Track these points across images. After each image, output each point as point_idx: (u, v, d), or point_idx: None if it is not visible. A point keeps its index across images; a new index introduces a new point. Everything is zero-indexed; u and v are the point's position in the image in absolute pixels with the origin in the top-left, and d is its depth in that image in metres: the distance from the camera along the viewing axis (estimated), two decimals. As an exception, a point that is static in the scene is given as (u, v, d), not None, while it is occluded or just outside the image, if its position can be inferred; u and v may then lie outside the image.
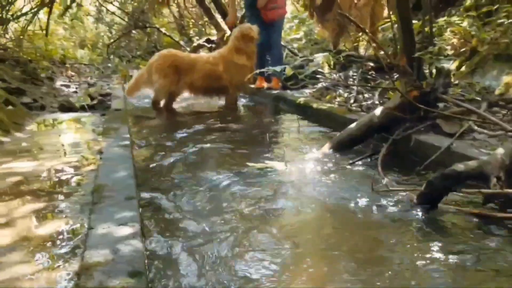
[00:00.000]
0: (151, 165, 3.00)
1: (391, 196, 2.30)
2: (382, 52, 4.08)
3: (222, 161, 3.05)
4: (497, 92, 3.63)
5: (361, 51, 5.62)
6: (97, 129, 3.93)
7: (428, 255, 1.74)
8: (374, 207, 2.21)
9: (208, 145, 3.53)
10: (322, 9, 5.99)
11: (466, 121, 2.92)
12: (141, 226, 1.82)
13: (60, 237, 1.84)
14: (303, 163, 2.97)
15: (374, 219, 2.11)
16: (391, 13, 3.38)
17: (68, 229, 1.91)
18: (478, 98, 3.49)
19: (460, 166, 2.14)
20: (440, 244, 1.82)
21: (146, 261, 1.60)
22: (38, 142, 3.52)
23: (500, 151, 2.24)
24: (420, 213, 2.10)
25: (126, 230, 1.73)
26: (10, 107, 4.34)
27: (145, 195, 2.40)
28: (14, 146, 3.37)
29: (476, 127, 2.88)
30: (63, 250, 1.73)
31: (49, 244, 1.79)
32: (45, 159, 3.00)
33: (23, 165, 2.86)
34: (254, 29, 5.31)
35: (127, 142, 3.22)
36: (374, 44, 3.78)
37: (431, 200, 2.13)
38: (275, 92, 5.74)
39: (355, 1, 5.47)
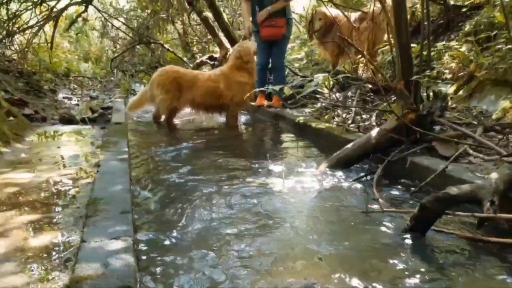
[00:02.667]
0: (148, 180, 3.02)
1: (384, 217, 2.31)
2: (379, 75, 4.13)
3: (220, 176, 3.07)
4: (494, 116, 3.66)
5: (360, 72, 5.68)
6: (96, 142, 3.96)
7: (416, 278, 1.74)
8: (367, 227, 2.22)
9: (207, 160, 3.56)
10: (321, 32, 6.07)
11: (462, 145, 2.94)
12: (133, 241, 1.83)
13: (53, 249, 1.85)
14: (300, 181, 2.99)
15: (366, 239, 2.11)
16: (390, 36, 3.43)
17: (61, 241, 1.91)
18: (475, 122, 3.52)
19: (454, 190, 2.14)
20: (430, 267, 1.82)
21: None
22: (37, 153, 3.54)
23: (495, 175, 2.25)
24: (412, 235, 2.10)
25: (118, 244, 1.74)
26: (11, 118, 4.38)
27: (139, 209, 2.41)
28: (14, 157, 3.39)
29: (471, 151, 2.90)
30: (55, 262, 1.73)
31: (41, 255, 1.79)
32: (43, 171, 3.02)
33: (22, 176, 2.88)
34: (253, 46, 5.38)
35: (125, 156, 3.24)
36: (372, 67, 3.83)
37: (424, 223, 2.13)
38: (275, 110, 5.79)
39: (356, 25, 5.55)
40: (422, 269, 1.82)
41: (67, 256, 1.77)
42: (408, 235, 2.11)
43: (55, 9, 7.89)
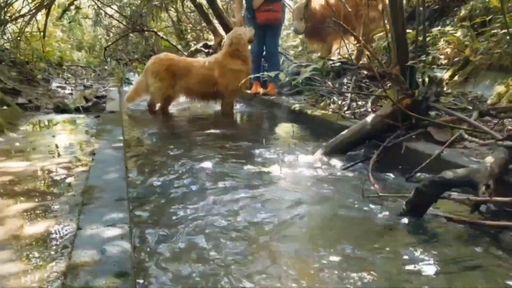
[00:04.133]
0: (143, 169, 3.01)
1: (380, 202, 2.32)
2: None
3: (217, 164, 3.07)
4: (489, 101, 3.66)
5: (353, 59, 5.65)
6: (90, 131, 3.94)
7: (413, 262, 1.75)
8: (363, 213, 2.23)
9: (203, 148, 3.55)
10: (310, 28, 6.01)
11: (457, 130, 2.95)
12: (130, 228, 1.83)
13: (49, 236, 1.84)
14: (296, 168, 3.00)
15: (362, 224, 2.12)
16: (386, 22, 3.41)
17: (56, 229, 1.90)
18: (470, 107, 3.53)
19: (449, 174, 2.15)
20: (425, 251, 1.83)
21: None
22: (31, 142, 3.51)
23: (490, 159, 2.26)
24: (407, 220, 2.11)
25: (114, 231, 1.73)
26: (5, 107, 4.34)
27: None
28: (8, 146, 3.37)
29: (467, 136, 2.90)
30: (51, 250, 1.72)
31: (37, 243, 1.78)
32: (38, 160, 3.00)
33: (16, 165, 2.86)
34: (247, 33, 5.33)
35: (120, 144, 3.22)
36: (367, 53, 3.81)
37: (419, 207, 2.15)
38: (270, 98, 5.76)
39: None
40: (417, 248, 1.83)
41: (63, 244, 1.76)
42: (404, 219, 2.12)
43: (47, -3, 7.79)
